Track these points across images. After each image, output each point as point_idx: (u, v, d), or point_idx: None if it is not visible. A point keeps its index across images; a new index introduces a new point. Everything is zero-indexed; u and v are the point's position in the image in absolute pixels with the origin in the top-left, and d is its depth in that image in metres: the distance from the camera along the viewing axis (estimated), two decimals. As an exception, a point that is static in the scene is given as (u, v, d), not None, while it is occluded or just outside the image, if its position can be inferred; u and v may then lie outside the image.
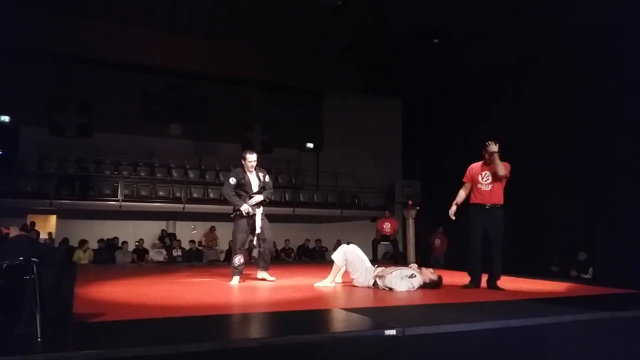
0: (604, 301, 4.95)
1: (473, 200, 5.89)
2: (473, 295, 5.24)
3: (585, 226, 10.15)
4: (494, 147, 5.68)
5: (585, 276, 9.52)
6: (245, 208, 6.02)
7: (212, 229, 14.66)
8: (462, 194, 6.03)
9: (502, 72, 12.39)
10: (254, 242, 6.17)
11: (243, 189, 6.14)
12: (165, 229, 14.75)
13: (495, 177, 5.74)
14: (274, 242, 14.66)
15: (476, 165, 5.96)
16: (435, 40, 12.60)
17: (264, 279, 6.22)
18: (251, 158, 6.15)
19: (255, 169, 6.26)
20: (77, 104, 13.61)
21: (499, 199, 5.83)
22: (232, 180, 6.11)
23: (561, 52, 10.87)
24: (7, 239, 2.95)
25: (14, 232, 3.00)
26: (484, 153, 5.82)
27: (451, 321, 3.43)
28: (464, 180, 6.07)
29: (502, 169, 5.69)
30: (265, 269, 6.29)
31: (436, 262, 12.62)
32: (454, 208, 5.96)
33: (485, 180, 5.79)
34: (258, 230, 6.10)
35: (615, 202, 9.56)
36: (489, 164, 5.78)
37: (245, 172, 6.18)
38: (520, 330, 3.44)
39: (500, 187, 5.81)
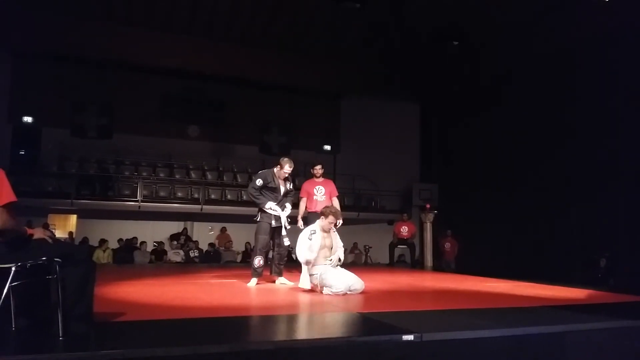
0: (625, 309, 4.87)
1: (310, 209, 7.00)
2: (492, 301, 5.20)
3: (606, 233, 9.99)
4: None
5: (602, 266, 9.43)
6: (269, 206, 6.09)
7: (224, 229, 14.74)
8: (302, 207, 7.10)
9: (518, 77, 12.29)
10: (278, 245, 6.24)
11: (271, 191, 6.21)
12: (186, 227, 14.86)
13: (327, 191, 7.08)
14: (289, 244, 14.68)
15: (309, 182, 7.21)
16: (455, 43, 12.51)
17: (283, 284, 6.23)
18: (287, 170, 6.21)
19: None
20: (98, 105, 13.82)
21: None
22: (259, 182, 6.17)
23: (570, 57, 10.80)
24: (31, 239, 2.99)
25: (38, 233, 3.04)
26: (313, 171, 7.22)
27: (470, 327, 3.40)
28: (301, 195, 7.20)
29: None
30: (279, 273, 6.31)
31: (447, 267, 12.50)
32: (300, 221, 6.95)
33: (319, 192, 7.07)
34: (284, 223, 6.17)
35: (638, 209, 9.40)
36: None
37: (274, 177, 6.23)
38: (540, 338, 3.40)
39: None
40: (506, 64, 12.62)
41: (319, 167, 7.26)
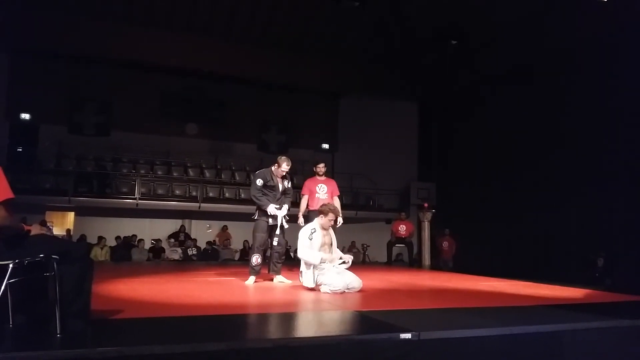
0: (622, 308, 4.88)
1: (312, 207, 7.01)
2: (490, 300, 5.21)
3: (604, 233, 10.00)
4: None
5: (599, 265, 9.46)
6: (272, 210, 6.09)
7: (225, 228, 14.75)
8: (303, 204, 7.17)
9: (517, 77, 12.27)
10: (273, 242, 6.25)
11: (269, 189, 6.23)
12: (183, 225, 14.85)
13: (329, 190, 7.21)
14: (286, 242, 14.64)
15: (311, 180, 7.31)
16: (453, 42, 12.51)
17: (281, 282, 6.23)
18: (285, 168, 6.23)
19: None
20: (97, 103, 13.83)
21: None
22: (259, 182, 6.19)
23: (573, 58, 10.80)
24: (28, 236, 2.98)
25: (35, 229, 3.03)
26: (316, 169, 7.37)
27: (468, 326, 3.40)
28: (303, 193, 7.28)
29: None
30: (277, 271, 6.32)
31: (445, 265, 12.51)
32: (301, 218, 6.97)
33: (322, 190, 7.17)
34: (280, 223, 6.17)
35: (635, 208, 9.41)
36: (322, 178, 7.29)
37: (272, 176, 6.26)
38: (537, 337, 3.41)
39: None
40: (505, 64, 12.61)
41: (322, 165, 7.37)
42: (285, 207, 6.29)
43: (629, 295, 5.79)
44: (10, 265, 2.71)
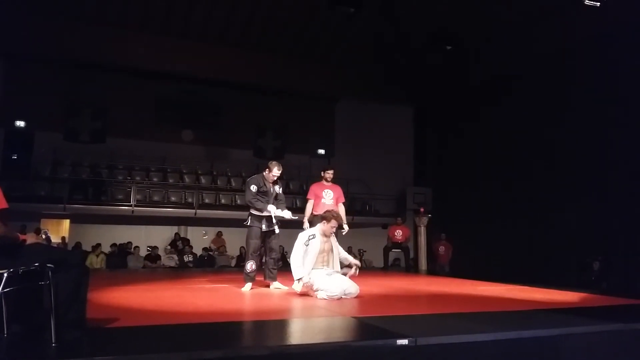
0: (619, 312, 4.89)
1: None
2: (486, 305, 5.21)
3: (600, 236, 10.02)
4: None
5: (595, 269, 9.49)
6: (271, 208, 6.12)
7: (220, 234, 14.72)
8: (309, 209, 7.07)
9: (512, 80, 12.32)
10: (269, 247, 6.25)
11: (262, 195, 6.25)
12: (178, 232, 14.80)
13: (335, 196, 7.22)
14: (283, 248, 14.59)
15: (318, 185, 7.26)
16: (448, 47, 12.57)
17: (277, 288, 6.22)
18: (276, 173, 6.28)
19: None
20: (92, 109, 13.76)
21: None
22: (254, 188, 6.21)
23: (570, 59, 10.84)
24: (23, 245, 2.97)
25: (31, 239, 3.03)
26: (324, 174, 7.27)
27: (464, 331, 3.40)
28: (309, 197, 7.21)
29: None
30: (273, 278, 6.31)
31: (441, 270, 12.52)
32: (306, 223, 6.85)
33: (328, 196, 7.16)
34: (274, 227, 6.17)
35: (631, 212, 9.44)
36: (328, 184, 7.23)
37: (264, 181, 6.30)
38: (534, 341, 3.41)
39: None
40: (500, 68, 12.66)
41: (331, 171, 7.38)
42: (287, 213, 6.31)
43: (625, 299, 5.80)
44: (5, 275, 2.69)
